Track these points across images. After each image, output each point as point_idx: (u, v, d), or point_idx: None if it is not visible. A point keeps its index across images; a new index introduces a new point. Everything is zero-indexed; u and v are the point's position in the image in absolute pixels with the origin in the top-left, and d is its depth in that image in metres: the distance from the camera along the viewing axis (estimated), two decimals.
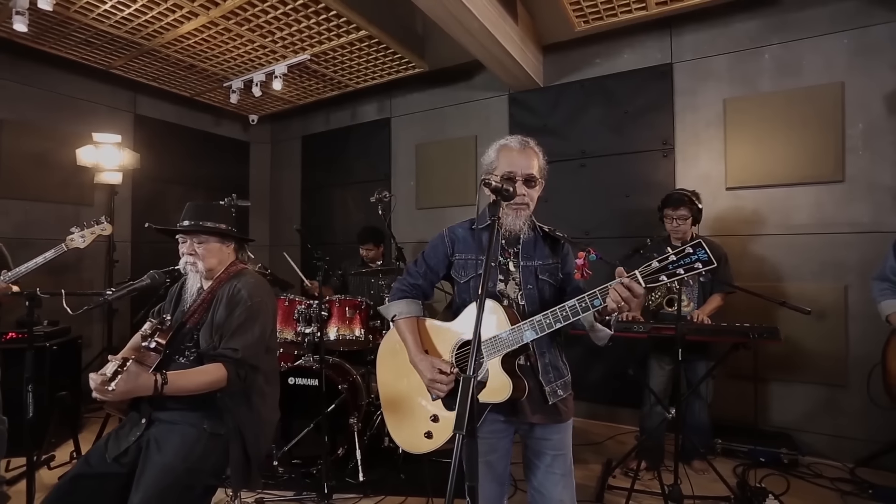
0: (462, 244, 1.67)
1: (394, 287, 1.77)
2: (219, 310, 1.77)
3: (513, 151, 1.56)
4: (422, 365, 1.58)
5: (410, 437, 1.67)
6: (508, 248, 1.61)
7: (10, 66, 3.90)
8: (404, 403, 1.70)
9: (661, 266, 1.29)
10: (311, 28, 3.36)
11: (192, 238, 1.81)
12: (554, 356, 1.60)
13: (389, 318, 1.73)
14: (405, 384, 1.69)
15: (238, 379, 1.66)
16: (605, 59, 3.93)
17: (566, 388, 1.60)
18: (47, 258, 2.46)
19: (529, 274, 1.59)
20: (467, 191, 4.45)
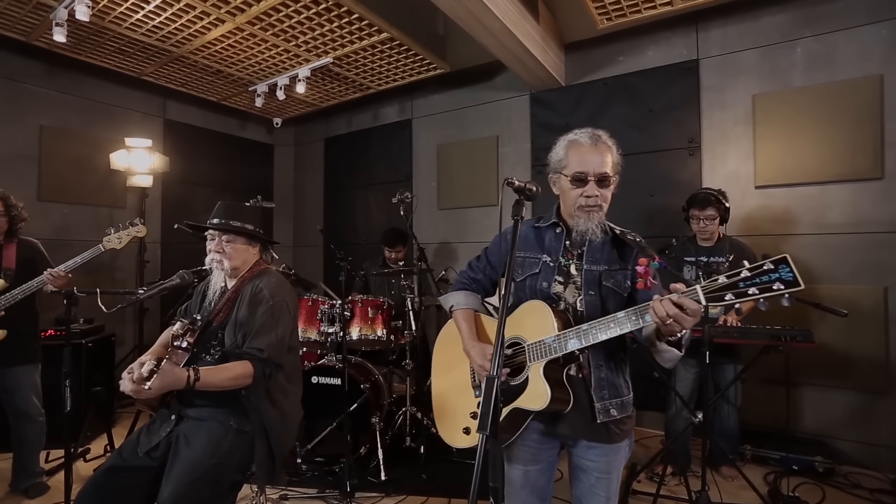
0: (523, 241, 1.61)
1: (455, 279, 1.78)
2: (242, 308, 1.81)
3: (583, 148, 1.46)
4: (473, 351, 1.58)
5: (449, 429, 1.67)
6: (572, 250, 1.52)
7: (50, 76, 4.08)
8: (450, 395, 1.71)
9: (730, 283, 1.10)
10: (333, 31, 3.41)
11: (221, 236, 1.86)
12: (613, 372, 1.47)
13: (447, 308, 1.73)
14: (453, 376, 1.69)
15: (263, 376, 1.70)
16: (628, 57, 3.87)
17: (623, 408, 1.46)
18: (86, 258, 2.55)
19: (592, 279, 1.47)
20: (489, 191, 4.44)
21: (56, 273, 2.45)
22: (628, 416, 1.48)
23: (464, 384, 1.65)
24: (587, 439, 1.46)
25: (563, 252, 1.53)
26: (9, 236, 2.61)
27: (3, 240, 2.59)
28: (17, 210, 2.61)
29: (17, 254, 2.59)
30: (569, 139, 1.52)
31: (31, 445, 2.65)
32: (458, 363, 1.67)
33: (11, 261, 2.55)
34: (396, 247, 3.81)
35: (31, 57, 3.93)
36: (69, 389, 2.09)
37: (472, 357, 1.59)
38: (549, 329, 1.42)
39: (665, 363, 1.36)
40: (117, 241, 2.65)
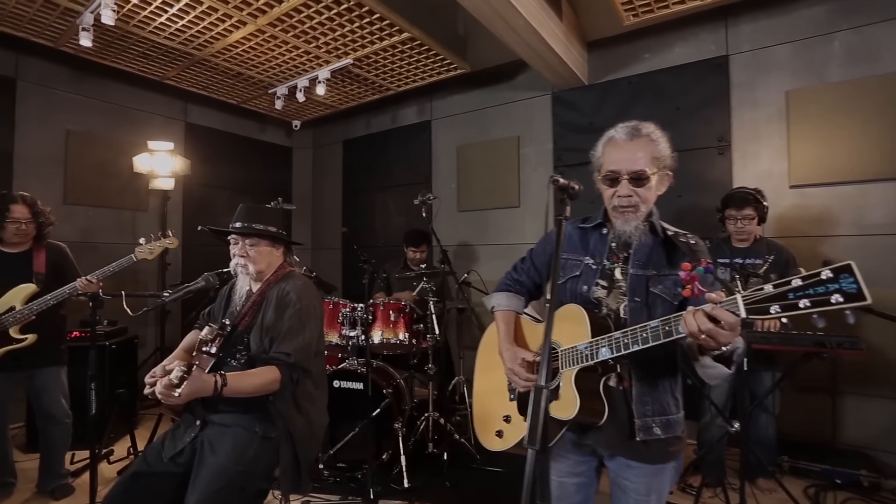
0: (567, 242, 1.53)
1: (500, 279, 1.74)
2: (268, 312, 1.78)
3: (617, 144, 1.36)
4: (506, 354, 1.54)
5: (484, 431, 1.65)
6: (618, 252, 1.42)
7: (76, 81, 4.14)
8: (487, 398, 1.69)
9: (777, 292, 0.95)
10: (353, 32, 3.39)
11: (244, 240, 1.83)
12: (658, 386, 1.35)
13: (490, 308, 1.69)
14: (492, 378, 1.66)
15: (291, 382, 1.66)
16: (654, 54, 3.77)
17: (668, 428, 1.33)
18: (117, 268, 2.56)
19: (639, 285, 1.35)
20: (510, 192, 4.37)
21: (88, 282, 2.46)
22: (676, 437, 1.35)
23: (500, 387, 1.62)
24: (625, 457, 1.36)
25: (607, 254, 1.45)
26: (37, 241, 2.63)
27: (32, 245, 2.61)
28: (45, 216, 2.63)
29: (47, 258, 2.61)
30: (608, 135, 1.43)
31: (57, 447, 2.67)
32: (497, 365, 1.63)
33: (42, 265, 2.57)
34: (421, 246, 3.78)
35: (59, 63, 3.99)
36: (94, 392, 2.08)
37: (504, 360, 1.54)
38: (582, 335, 1.34)
39: (709, 380, 1.23)
40: (149, 252, 2.66)
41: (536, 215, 4.27)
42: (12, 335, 2.42)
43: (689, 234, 1.40)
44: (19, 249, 2.57)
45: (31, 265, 2.54)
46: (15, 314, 2.41)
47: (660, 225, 1.41)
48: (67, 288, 2.46)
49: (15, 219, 2.49)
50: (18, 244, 2.56)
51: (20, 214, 2.51)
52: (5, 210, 2.48)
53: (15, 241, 2.53)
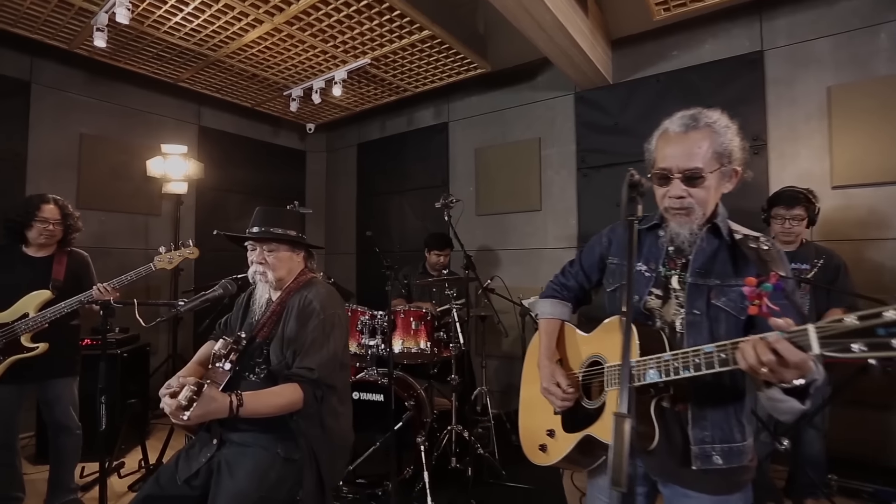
0: (618, 246, 1.43)
1: (547, 284, 1.62)
2: (289, 322, 1.65)
3: (669, 138, 1.21)
4: (543, 372, 1.43)
5: (528, 442, 1.55)
6: (676, 258, 1.27)
7: (90, 84, 4.08)
8: (531, 409, 1.58)
9: (862, 327, 0.77)
10: (373, 30, 3.28)
11: (262, 246, 1.70)
12: (720, 410, 1.19)
13: (534, 316, 1.58)
14: (536, 389, 1.54)
15: (315, 400, 1.53)
16: (683, 51, 3.62)
17: (731, 457, 1.18)
18: (136, 276, 2.46)
19: (699, 295, 1.20)
20: (531, 195, 4.23)
21: (104, 289, 2.36)
22: (742, 467, 1.20)
23: (544, 399, 1.48)
24: (681, 485, 1.22)
25: (664, 260, 1.30)
26: (62, 246, 2.54)
27: (55, 250, 2.52)
28: (73, 220, 2.54)
29: (67, 266, 2.52)
30: (663, 126, 1.28)
31: (67, 459, 2.56)
32: None
33: (61, 273, 2.48)
34: (445, 250, 3.65)
35: (73, 66, 3.94)
36: (105, 406, 1.96)
37: (542, 376, 1.43)
38: (631, 352, 1.21)
39: (778, 415, 1.05)
40: (168, 262, 2.56)
41: (559, 219, 4.12)
42: (24, 343, 2.32)
43: (763, 237, 1.23)
44: (42, 254, 2.48)
45: (50, 271, 2.45)
46: (27, 321, 2.31)
47: (726, 227, 1.25)
48: (82, 296, 2.36)
49: (44, 218, 2.40)
50: (42, 247, 2.47)
51: (50, 215, 2.42)
52: (35, 209, 2.39)
53: (40, 244, 2.44)
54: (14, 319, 2.31)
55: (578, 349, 1.47)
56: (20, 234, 2.43)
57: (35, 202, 2.42)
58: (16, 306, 2.33)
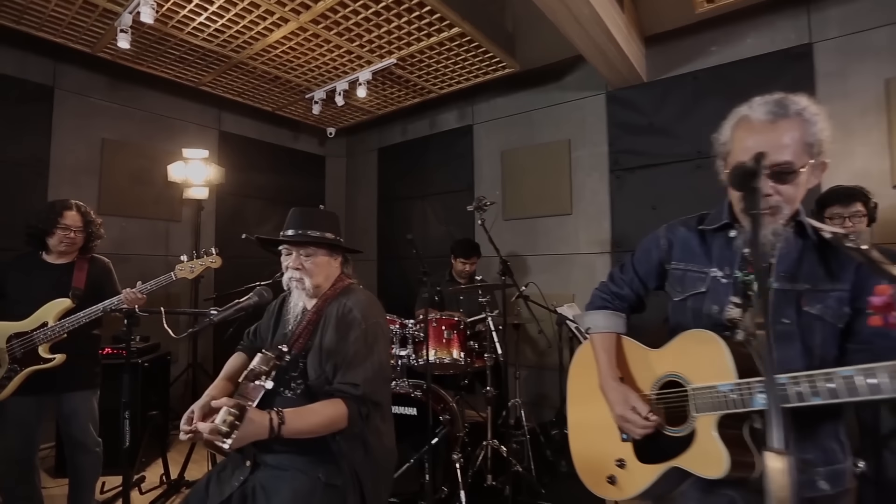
0: (682, 249, 1.29)
1: (593, 294, 1.47)
2: (327, 332, 1.52)
3: (753, 127, 1.08)
4: (612, 395, 1.28)
5: (591, 473, 1.38)
6: (753, 261, 1.16)
7: (112, 89, 4.05)
8: (588, 432, 1.42)
9: None
10: (400, 28, 3.17)
11: (299, 250, 1.57)
12: (820, 429, 1.07)
13: (584, 329, 1.43)
14: (593, 411, 1.39)
15: (359, 418, 1.38)
16: (723, 46, 3.45)
17: (837, 480, 1.05)
18: (157, 285, 2.37)
19: (787, 302, 1.07)
20: (561, 199, 4.08)
21: (133, 295, 2.27)
22: (845, 491, 1.06)
23: (606, 423, 1.34)
24: None
25: (740, 263, 1.16)
26: (83, 253, 2.45)
27: (76, 257, 2.43)
28: (96, 227, 2.45)
29: (89, 273, 2.42)
30: (739, 115, 1.14)
31: (86, 478, 2.44)
32: (598, 395, 1.37)
33: (81, 280, 2.38)
34: (472, 258, 3.51)
35: (95, 71, 3.90)
36: (128, 421, 1.84)
37: (611, 402, 1.28)
38: (724, 372, 1.06)
39: None
40: (189, 271, 2.46)
41: (591, 223, 3.95)
42: (41, 354, 2.22)
43: (854, 234, 1.07)
44: (63, 261, 2.39)
45: (71, 278, 2.35)
46: (46, 331, 2.22)
47: (809, 224, 1.10)
48: (102, 306, 2.26)
49: (66, 225, 2.31)
50: (63, 254, 2.38)
51: (72, 222, 2.33)
52: (58, 216, 2.30)
53: (60, 251, 2.35)
54: (33, 329, 2.21)
55: (647, 367, 1.31)
56: (41, 241, 2.34)
57: (57, 208, 2.34)
58: (35, 315, 2.23)
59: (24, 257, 2.37)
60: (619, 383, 1.30)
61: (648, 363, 1.31)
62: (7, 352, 2.17)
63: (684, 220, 1.32)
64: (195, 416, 1.45)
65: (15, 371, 2.16)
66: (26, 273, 2.32)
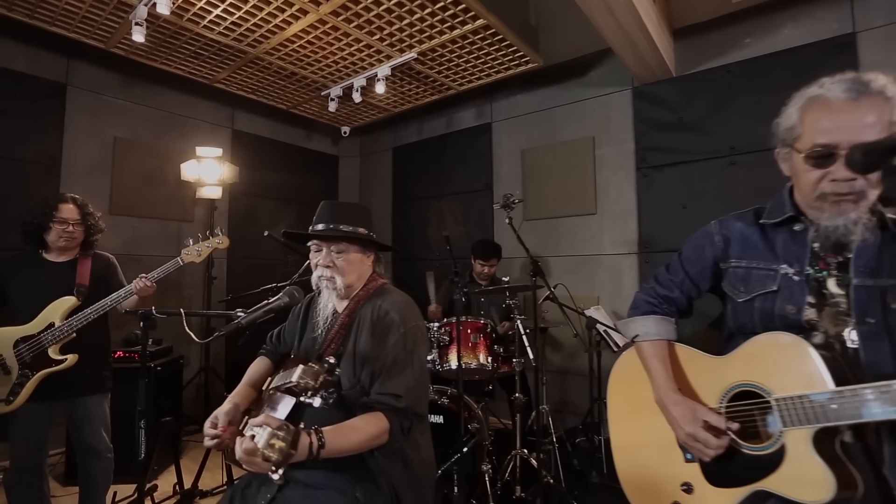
0: (740, 245, 1.18)
1: (637, 297, 1.34)
2: (361, 337, 1.39)
3: (831, 106, 0.97)
4: (677, 410, 1.14)
5: (650, 500, 1.24)
6: (826, 256, 1.05)
7: (125, 86, 3.97)
8: (641, 452, 1.28)
9: None
10: (423, 20, 3.06)
11: (330, 246, 1.45)
12: None
13: (629, 336, 1.30)
14: (644, 426, 1.26)
15: (401, 432, 1.25)
16: (757, 38, 3.30)
17: None
18: (164, 272, 2.25)
19: (870, 300, 0.99)
20: (585, 198, 3.94)
21: (142, 283, 2.17)
22: None
23: (662, 439, 1.21)
24: None
25: (810, 259, 1.06)
26: (84, 249, 2.35)
27: (78, 253, 2.33)
28: (94, 220, 2.34)
29: (92, 269, 2.32)
30: (809, 95, 1.03)
31: (98, 485, 2.33)
32: (650, 410, 1.23)
33: (85, 277, 2.28)
34: (491, 260, 3.39)
35: (109, 68, 3.83)
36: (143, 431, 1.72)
37: (675, 419, 1.14)
38: (814, 380, 0.95)
39: None
40: (196, 254, 2.34)
41: (616, 223, 3.81)
42: (52, 356, 2.11)
43: None
44: (64, 258, 2.29)
45: (74, 276, 2.25)
46: (54, 331, 2.11)
47: (889, 214, 1.00)
48: (114, 296, 2.16)
49: (62, 219, 2.20)
50: (63, 251, 2.27)
51: (68, 215, 2.22)
52: (53, 209, 2.19)
53: (60, 247, 2.24)
54: (40, 330, 2.11)
55: (710, 377, 1.18)
56: (39, 238, 2.23)
57: (51, 202, 2.22)
58: (41, 316, 2.13)
59: (24, 257, 2.26)
60: (682, 397, 1.17)
61: (711, 372, 1.18)
62: (16, 357, 2.07)
63: (738, 215, 1.23)
64: (220, 422, 1.34)
65: (27, 376, 2.06)
66: (27, 274, 2.21)
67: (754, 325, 1.12)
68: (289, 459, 0.97)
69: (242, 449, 1.03)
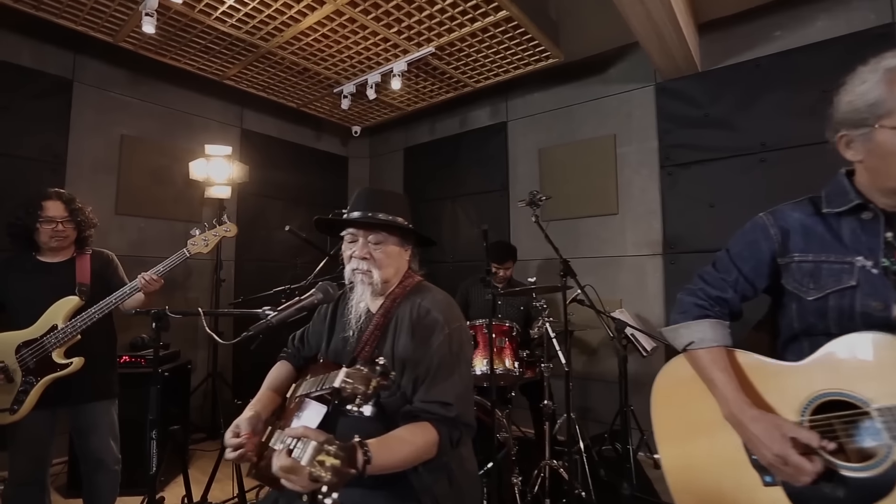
0: (804, 238, 1.07)
1: (683, 300, 1.20)
2: (400, 338, 1.26)
3: None
4: (757, 427, 1.00)
5: None
6: None
7: (133, 83, 3.86)
8: (707, 475, 1.13)
9: None
10: (443, 12, 2.95)
11: (367, 236, 1.31)
12: None
13: (680, 344, 1.16)
14: (709, 445, 1.12)
15: (450, 445, 1.12)
16: (788, 31, 3.19)
17: None
18: (170, 265, 2.12)
19: None
20: (606, 198, 3.81)
21: (150, 278, 2.04)
22: None
23: (731, 460, 1.07)
24: None
25: (885, 250, 0.98)
26: (79, 246, 2.21)
27: (74, 251, 2.20)
28: (84, 214, 2.19)
29: (92, 267, 2.19)
30: (889, 66, 0.94)
31: (103, 499, 2.19)
32: (712, 427, 1.10)
33: (86, 275, 2.15)
34: (506, 262, 3.25)
35: (116, 64, 3.73)
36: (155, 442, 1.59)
37: (756, 437, 1.00)
38: None
39: None
40: (203, 244, 2.20)
41: (639, 223, 3.68)
42: (56, 360, 1.98)
43: None
44: (60, 258, 2.15)
45: (73, 276, 2.12)
46: (57, 334, 1.98)
47: None
48: (118, 293, 2.04)
49: (49, 217, 2.05)
50: (58, 251, 2.14)
51: (55, 213, 2.07)
52: (37, 209, 2.04)
53: (53, 247, 2.11)
54: (42, 334, 1.98)
55: (783, 386, 1.05)
56: (28, 240, 2.08)
57: (34, 200, 2.07)
58: (43, 318, 2.00)
59: (16, 260, 2.11)
60: (761, 412, 1.03)
61: (785, 381, 1.05)
62: (18, 363, 1.94)
63: (792, 205, 1.14)
64: (242, 431, 1.21)
65: (31, 383, 1.93)
66: (22, 277, 2.07)
67: (828, 326, 1.02)
68: (346, 480, 0.83)
69: (280, 466, 0.89)
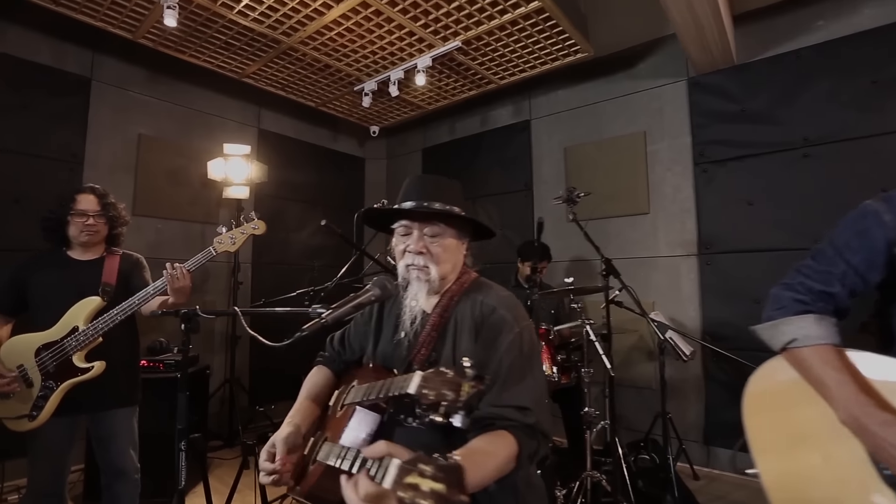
0: None
1: (778, 295, 1.08)
2: (462, 339, 1.14)
3: None
4: (890, 432, 0.88)
5: None
6: None
7: (151, 82, 3.80)
8: (820, 490, 1.00)
9: None
10: (473, 3, 2.85)
11: (423, 228, 1.19)
12: None
13: (779, 343, 1.04)
14: (821, 455, 0.99)
15: (527, 457, 0.99)
16: (831, 21, 3.06)
17: None
18: (196, 263, 2.02)
19: None
20: (637, 197, 3.68)
21: (181, 270, 1.93)
22: None
23: (852, 473, 0.95)
24: None
25: None
26: (110, 244, 2.13)
27: (105, 250, 2.11)
28: (117, 210, 2.12)
29: (119, 268, 2.09)
30: None
31: None
32: (823, 435, 0.99)
33: (112, 275, 2.06)
34: (543, 262, 3.13)
35: (135, 63, 3.67)
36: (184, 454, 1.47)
37: (892, 444, 0.88)
38: None
39: None
40: (230, 242, 2.09)
41: (672, 222, 3.55)
42: (77, 364, 1.88)
43: None
44: (90, 256, 2.08)
45: (100, 275, 2.02)
46: (78, 336, 1.88)
47: None
48: (142, 294, 1.94)
49: (81, 211, 1.99)
50: (88, 247, 2.06)
51: (88, 206, 2.02)
52: (70, 202, 1.99)
53: (83, 242, 2.03)
54: (63, 336, 1.88)
55: None
56: (60, 235, 2.02)
57: (68, 193, 2.03)
58: (64, 319, 1.91)
59: (47, 255, 2.05)
60: (886, 412, 0.90)
61: None
62: (38, 367, 1.84)
63: (879, 198, 1.02)
64: (278, 451, 1.09)
65: (51, 389, 1.83)
66: (49, 273, 2.00)
67: None
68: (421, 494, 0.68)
69: (362, 495, 0.76)
